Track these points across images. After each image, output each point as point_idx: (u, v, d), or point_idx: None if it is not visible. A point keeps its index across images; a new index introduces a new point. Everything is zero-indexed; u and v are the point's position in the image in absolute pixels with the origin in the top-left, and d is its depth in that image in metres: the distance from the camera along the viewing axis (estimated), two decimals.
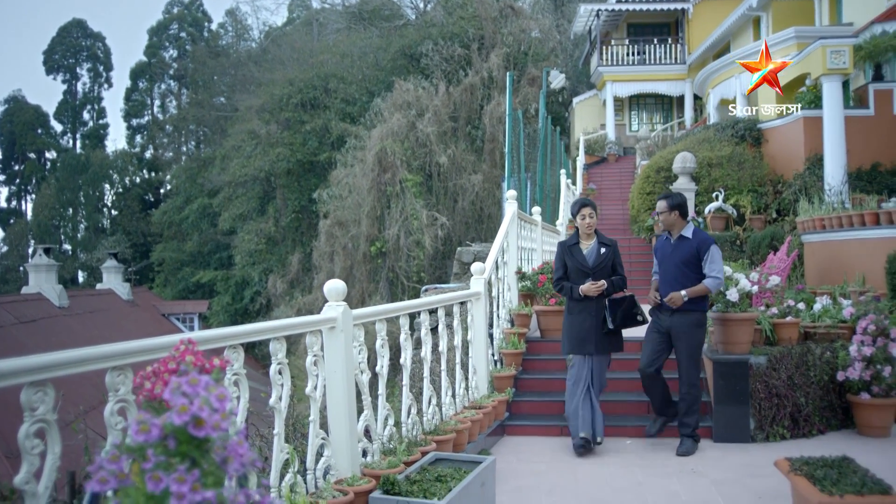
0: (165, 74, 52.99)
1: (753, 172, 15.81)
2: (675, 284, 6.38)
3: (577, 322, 6.48)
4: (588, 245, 6.63)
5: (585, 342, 6.44)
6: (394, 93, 29.25)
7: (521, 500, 5.47)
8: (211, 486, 1.68)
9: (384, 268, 26.87)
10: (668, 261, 6.51)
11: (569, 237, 6.82)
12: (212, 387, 1.81)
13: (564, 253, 6.67)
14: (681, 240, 6.50)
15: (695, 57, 29.36)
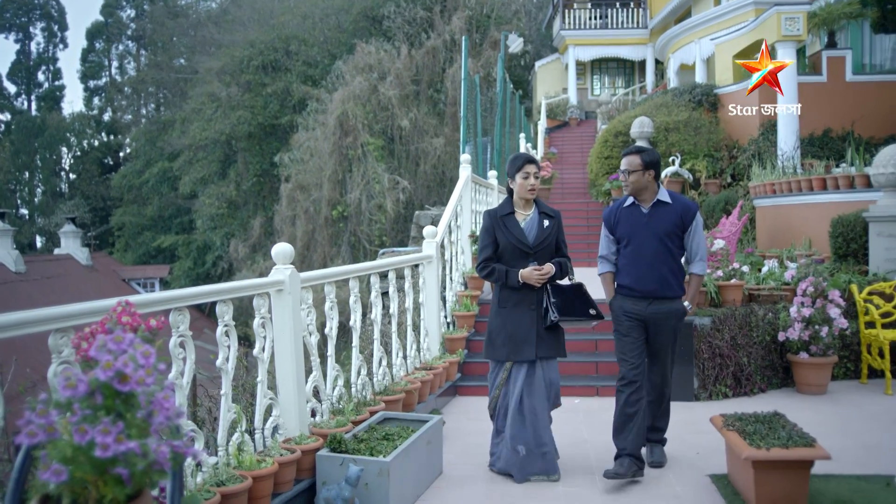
0: (123, 35, 51.84)
1: (710, 137, 16.02)
2: (656, 267, 4.96)
3: (513, 319, 4.93)
4: (526, 216, 4.99)
5: (524, 344, 4.91)
6: (356, 55, 29.04)
7: (469, 456, 5.62)
8: (135, 438, 1.77)
9: (346, 231, 26.89)
10: (640, 235, 5.00)
11: (501, 203, 5.13)
12: (137, 344, 1.89)
13: (495, 225, 4.99)
14: (658, 207, 4.98)
15: (657, 21, 29.44)
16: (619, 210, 5.16)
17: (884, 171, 8.64)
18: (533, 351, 4.93)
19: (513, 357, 4.97)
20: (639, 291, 5.02)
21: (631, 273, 5.06)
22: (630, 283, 5.06)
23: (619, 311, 5.11)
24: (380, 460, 4.39)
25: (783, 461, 4.34)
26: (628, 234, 5.07)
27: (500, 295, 5.05)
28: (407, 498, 4.62)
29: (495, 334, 5.03)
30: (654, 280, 4.98)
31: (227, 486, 3.80)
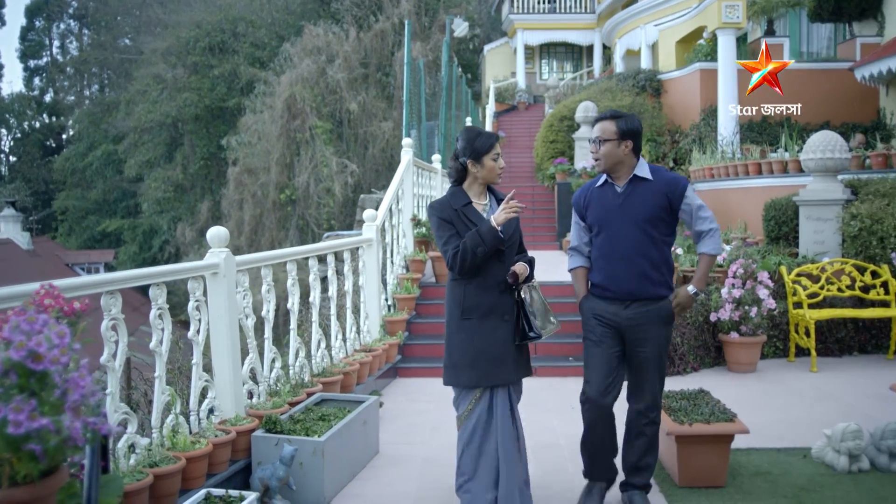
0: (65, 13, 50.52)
1: (653, 122, 16.30)
2: (633, 261, 3.97)
3: (483, 332, 3.85)
4: (485, 206, 4.00)
5: (501, 364, 3.88)
6: (304, 38, 28.82)
7: (406, 436, 5.73)
8: (48, 415, 1.82)
9: (294, 215, 26.77)
10: (613, 221, 4.02)
11: (451, 194, 4.01)
12: (52, 324, 1.94)
13: (455, 219, 3.89)
14: (635, 185, 3.99)
15: (604, 6, 29.73)
16: (590, 191, 4.16)
17: (813, 157, 8.90)
18: (512, 372, 3.90)
19: (485, 382, 3.86)
20: (613, 292, 4.02)
21: (603, 269, 4.07)
22: (602, 282, 4.07)
23: (590, 313, 4.14)
24: (314, 440, 4.47)
25: (705, 436, 4.52)
26: (599, 220, 4.06)
27: (463, 303, 3.86)
28: (342, 477, 4.71)
29: (459, 354, 3.87)
30: (632, 277, 3.97)
31: (160, 466, 3.85)
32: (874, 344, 8.23)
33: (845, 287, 8.04)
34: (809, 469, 4.87)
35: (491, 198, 4.05)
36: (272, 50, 31.08)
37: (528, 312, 3.93)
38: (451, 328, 3.95)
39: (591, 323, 4.15)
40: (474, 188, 4.00)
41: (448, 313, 3.97)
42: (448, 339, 3.97)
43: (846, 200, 8.79)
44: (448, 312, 3.97)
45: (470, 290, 3.86)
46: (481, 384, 3.89)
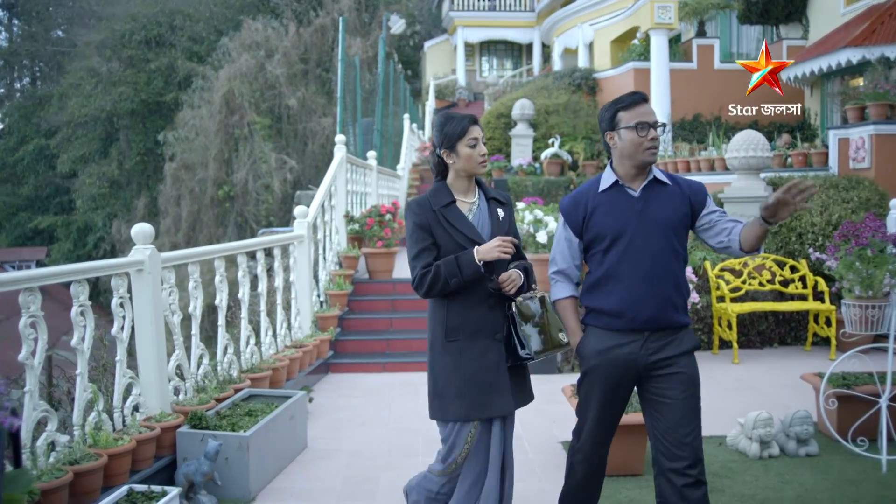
0: None
1: (588, 120, 16.57)
2: (657, 279, 3.17)
3: (472, 356, 3.25)
4: (471, 204, 3.39)
5: (496, 391, 3.27)
6: (242, 32, 28.53)
7: (335, 431, 5.79)
8: None
9: (232, 212, 26.52)
10: (635, 230, 3.19)
11: (432, 191, 3.39)
12: None
13: (434, 222, 3.28)
14: (653, 188, 3.25)
15: (543, 5, 30.02)
16: (591, 196, 3.31)
17: (736, 155, 9.19)
18: (509, 400, 3.30)
19: (476, 413, 3.24)
20: (628, 320, 3.17)
21: (614, 291, 3.21)
22: (614, 307, 3.20)
23: (598, 358, 3.25)
24: (239, 435, 4.50)
25: (622, 425, 4.64)
26: (616, 229, 3.20)
27: (446, 323, 3.27)
28: (268, 471, 4.75)
29: (445, 381, 3.27)
30: (655, 300, 3.16)
31: (81, 464, 3.84)
32: (793, 336, 8.53)
33: (766, 281, 8.33)
34: (724, 456, 5.07)
35: (480, 195, 3.41)
36: (210, 44, 30.67)
37: (520, 329, 3.30)
38: (435, 352, 3.33)
39: (600, 372, 3.25)
40: (459, 183, 3.36)
41: (431, 334, 3.37)
42: (432, 365, 3.35)
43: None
44: (431, 333, 3.37)
45: (454, 306, 3.25)
46: (472, 416, 3.23)
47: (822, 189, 9.03)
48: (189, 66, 29.95)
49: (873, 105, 9.58)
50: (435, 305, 3.35)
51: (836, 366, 5.22)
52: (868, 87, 10.01)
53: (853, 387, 5.19)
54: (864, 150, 9.63)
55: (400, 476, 4.80)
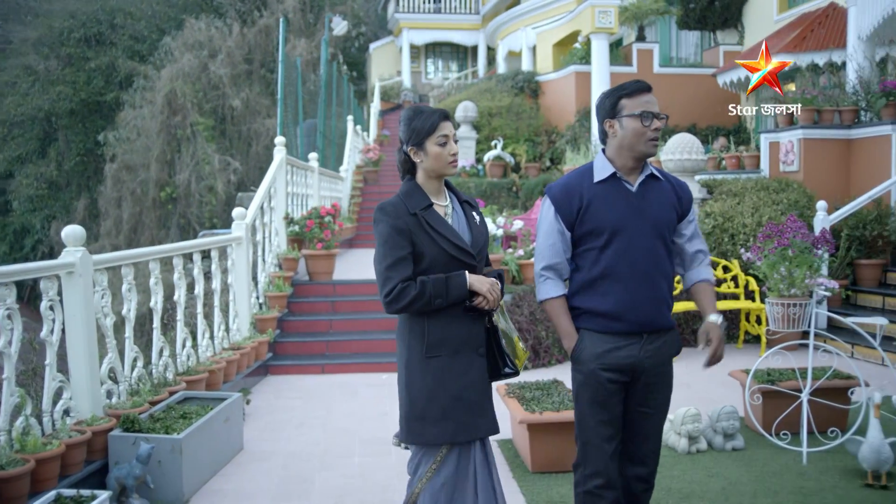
0: None
1: (530, 123, 16.77)
2: (653, 279, 3.04)
3: (455, 373, 2.94)
4: (446, 207, 3.06)
5: (481, 411, 2.99)
6: (185, 31, 28.15)
7: (272, 432, 5.79)
8: None
9: (175, 213, 26.17)
10: (634, 227, 3.02)
11: (405, 193, 2.99)
12: None
13: (415, 226, 2.90)
14: (650, 184, 3.10)
15: (489, 7, 30.22)
16: (586, 187, 3.06)
17: (672, 158, 9.41)
18: (494, 420, 3.04)
19: (463, 436, 2.95)
20: (627, 322, 3.01)
21: (611, 292, 3.02)
22: (612, 309, 3.01)
23: (596, 363, 3.02)
24: (172, 437, 4.49)
25: (554, 423, 4.76)
26: (615, 224, 3.00)
27: (426, 337, 2.93)
28: (202, 473, 4.74)
29: (425, 402, 2.93)
30: (652, 301, 3.04)
31: (6, 469, 3.80)
32: (727, 334, 8.75)
33: None
34: None
35: (452, 198, 3.10)
36: (152, 43, 30.18)
37: (502, 342, 3.06)
38: (412, 370, 2.96)
39: (598, 377, 3.03)
40: (429, 184, 3.01)
41: (406, 351, 2.99)
42: (408, 386, 2.97)
43: (702, 199, 9.32)
44: (406, 350, 2.99)
45: (435, 319, 2.92)
46: (458, 439, 2.94)
47: (754, 191, 9.28)
48: (130, 65, 29.44)
49: (801, 110, 9.88)
50: (411, 319, 2.97)
51: (762, 362, 5.40)
52: (797, 92, 10.32)
53: (777, 382, 5.37)
54: (794, 154, 9.93)
55: (335, 476, 4.85)
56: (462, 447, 2.98)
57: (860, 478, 4.61)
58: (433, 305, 2.85)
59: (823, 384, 5.20)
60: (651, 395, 3.08)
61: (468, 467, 2.99)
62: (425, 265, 2.89)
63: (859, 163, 9.84)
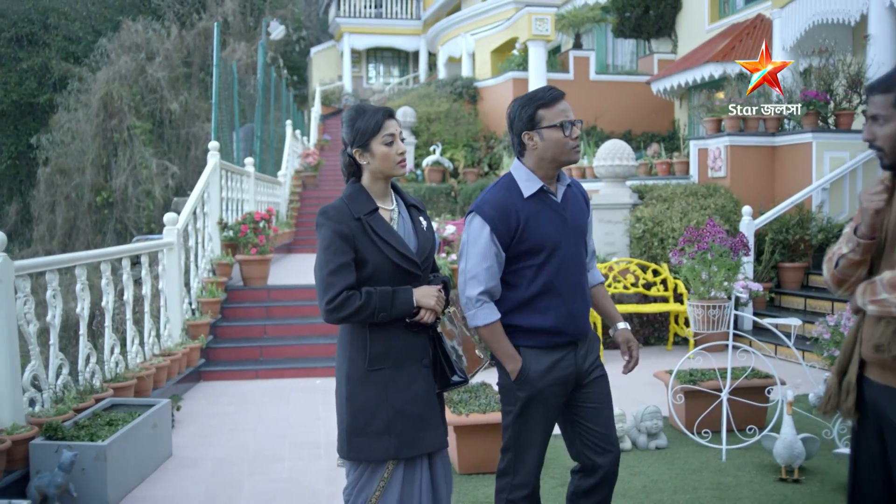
0: None
1: (469, 128, 16.92)
2: (583, 289, 3.09)
3: (403, 385, 2.82)
4: (391, 211, 2.92)
5: (428, 426, 2.87)
6: (122, 33, 27.76)
7: (202, 438, 5.77)
8: None
9: (111, 218, 25.74)
10: (566, 241, 3.01)
11: (349, 196, 2.85)
12: None
13: (359, 232, 2.78)
14: (568, 192, 3.10)
15: (430, 13, 30.36)
16: (521, 203, 2.97)
17: (603, 164, 9.60)
18: (442, 433, 2.92)
19: (407, 451, 2.82)
20: (569, 335, 3.01)
21: (554, 307, 2.98)
22: (554, 325, 2.97)
23: (544, 381, 2.97)
24: (96, 445, 4.45)
25: (480, 425, 4.84)
26: (552, 240, 2.97)
27: (368, 348, 2.80)
28: (128, 481, 4.70)
29: (368, 417, 2.80)
30: (584, 310, 3.07)
31: None
32: (656, 336, 8.97)
33: (630, 284, 8.73)
34: None
35: (399, 201, 2.97)
36: (87, 45, 29.64)
37: (449, 350, 2.90)
38: (353, 384, 2.83)
39: (548, 394, 2.98)
40: (376, 187, 2.88)
41: (347, 364, 2.85)
42: (349, 400, 2.83)
43: (633, 204, 9.53)
44: (347, 363, 2.85)
45: (377, 331, 2.79)
46: (403, 454, 2.80)
47: (683, 196, 9.52)
48: (65, 66, 28.87)
49: (728, 118, 10.18)
50: (353, 331, 2.84)
51: (684, 363, 5.56)
52: (725, 100, 10.63)
53: (698, 383, 5.53)
54: (721, 160, 10.22)
55: (265, 481, 4.86)
56: (408, 463, 2.85)
57: (775, 473, 4.78)
58: (376, 318, 2.73)
59: (742, 383, 5.38)
60: (588, 391, 3.06)
61: (414, 484, 2.87)
62: (368, 273, 2.77)
63: (783, 169, 10.17)
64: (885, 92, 2.40)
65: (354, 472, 2.87)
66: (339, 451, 2.89)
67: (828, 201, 9.52)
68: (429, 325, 2.86)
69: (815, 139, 9.65)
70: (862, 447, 2.59)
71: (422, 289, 2.82)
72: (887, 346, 2.36)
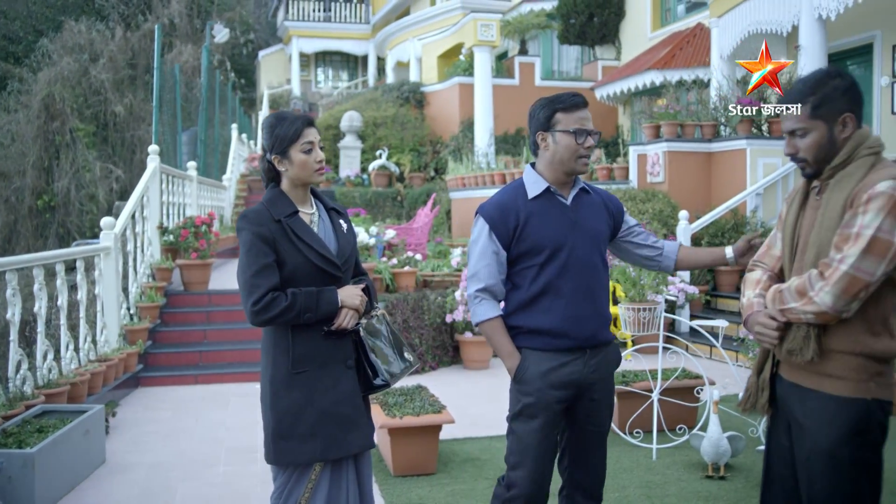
0: None
1: (415, 133, 16.99)
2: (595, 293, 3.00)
3: (327, 386, 2.85)
4: (311, 215, 2.97)
5: (353, 426, 2.89)
6: (64, 34, 27.22)
7: (137, 444, 5.72)
8: None
9: (54, 223, 25.21)
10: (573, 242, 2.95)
11: (269, 200, 2.88)
12: None
13: (279, 234, 2.82)
14: (582, 197, 3.06)
15: (379, 17, 30.37)
16: (524, 203, 2.97)
17: None
18: (368, 434, 2.96)
19: (335, 452, 2.85)
20: (572, 339, 2.93)
21: (557, 309, 2.93)
22: (556, 327, 2.92)
23: (543, 382, 2.91)
24: (24, 452, 4.40)
25: (414, 427, 4.89)
26: (555, 241, 2.93)
27: (292, 351, 2.82)
28: (57, 488, 4.65)
29: (292, 420, 2.81)
30: (594, 315, 2.98)
31: None
32: None
33: None
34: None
35: (318, 206, 3.02)
36: (28, 45, 29.05)
37: (371, 353, 2.93)
38: (277, 387, 2.84)
39: (546, 397, 2.90)
40: (295, 193, 2.92)
41: (271, 367, 2.87)
42: (273, 404, 2.84)
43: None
44: (271, 366, 2.87)
45: (300, 333, 2.81)
46: (329, 456, 2.83)
47: (622, 201, 9.68)
48: (4, 67, 28.25)
49: (666, 124, 10.39)
50: (276, 334, 2.86)
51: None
52: (662, 107, 10.85)
53: (631, 384, 5.65)
54: (659, 166, 10.43)
55: (198, 486, 4.84)
56: (335, 465, 2.88)
57: (702, 470, 4.91)
58: (302, 319, 2.76)
59: (673, 384, 5.52)
60: (596, 410, 2.99)
61: (341, 485, 2.90)
62: (288, 274, 2.80)
63: (719, 175, 10.42)
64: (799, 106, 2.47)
65: (282, 476, 2.88)
66: (266, 457, 2.88)
67: (761, 206, 9.79)
68: (349, 330, 2.87)
69: (750, 146, 9.91)
70: (773, 442, 2.70)
71: (346, 289, 2.86)
72: (799, 351, 2.44)
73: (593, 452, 3.04)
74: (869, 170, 2.40)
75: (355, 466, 2.95)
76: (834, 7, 9.31)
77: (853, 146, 2.44)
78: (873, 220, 2.28)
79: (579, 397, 2.95)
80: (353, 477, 2.94)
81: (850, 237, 2.31)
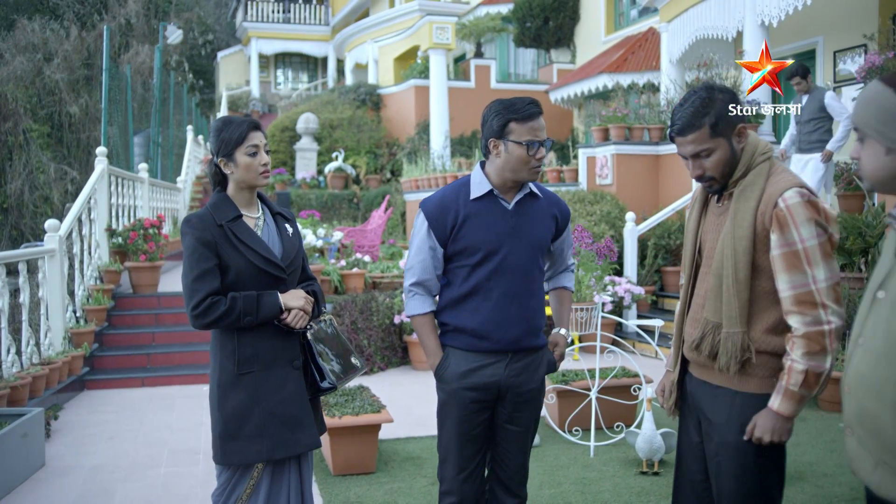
0: None
1: (372, 135, 17.03)
2: (524, 298, 2.98)
3: (273, 387, 2.92)
4: (256, 219, 3.03)
5: (299, 426, 2.94)
6: (17, 33, 26.82)
7: (79, 447, 5.71)
8: None
9: (6, 225, 24.84)
10: (508, 246, 2.96)
11: (213, 204, 2.95)
12: None
13: (221, 238, 2.88)
14: (527, 202, 3.03)
15: (338, 19, 30.37)
16: (464, 203, 2.98)
17: None
18: (314, 433, 3.00)
19: (281, 452, 2.90)
20: (493, 341, 2.96)
21: (479, 310, 2.97)
22: (479, 327, 2.96)
23: (459, 383, 2.98)
24: None
25: (353, 426, 4.96)
26: (490, 244, 2.95)
27: (237, 353, 2.87)
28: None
29: (239, 421, 2.88)
30: (521, 321, 2.98)
31: None
32: None
33: None
34: None
35: (264, 210, 3.07)
36: None
37: (318, 356, 3.00)
38: (224, 388, 2.89)
39: (461, 397, 2.97)
40: (240, 196, 2.98)
41: (218, 369, 2.92)
42: (221, 405, 2.89)
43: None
44: (217, 368, 2.93)
45: (245, 334, 2.88)
46: (276, 456, 2.88)
47: (571, 203, 9.84)
48: None
49: (614, 127, 10.56)
50: (222, 337, 2.91)
51: None
52: (611, 110, 11.02)
53: (570, 382, 5.76)
54: (608, 168, 10.59)
55: (139, 488, 4.86)
56: (277, 464, 2.94)
57: (637, 466, 5.04)
58: (242, 322, 2.81)
59: (611, 383, 5.64)
60: (518, 413, 3.01)
61: (282, 484, 2.96)
62: (232, 278, 2.86)
63: (666, 177, 10.61)
64: (697, 129, 2.49)
65: (224, 475, 2.94)
66: (214, 458, 2.93)
67: None
68: (301, 328, 2.95)
69: None
70: (684, 438, 2.80)
71: (289, 292, 2.93)
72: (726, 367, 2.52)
73: (514, 452, 3.06)
74: (768, 176, 2.50)
75: (298, 466, 3.01)
76: (776, 14, 9.53)
77: (749, 155, 2.53)
78: (810, 230, 2.35)
79: (500, 399, 2.99)
80: (296, 475, 2.99)
81: (800, 257, 2.36)
